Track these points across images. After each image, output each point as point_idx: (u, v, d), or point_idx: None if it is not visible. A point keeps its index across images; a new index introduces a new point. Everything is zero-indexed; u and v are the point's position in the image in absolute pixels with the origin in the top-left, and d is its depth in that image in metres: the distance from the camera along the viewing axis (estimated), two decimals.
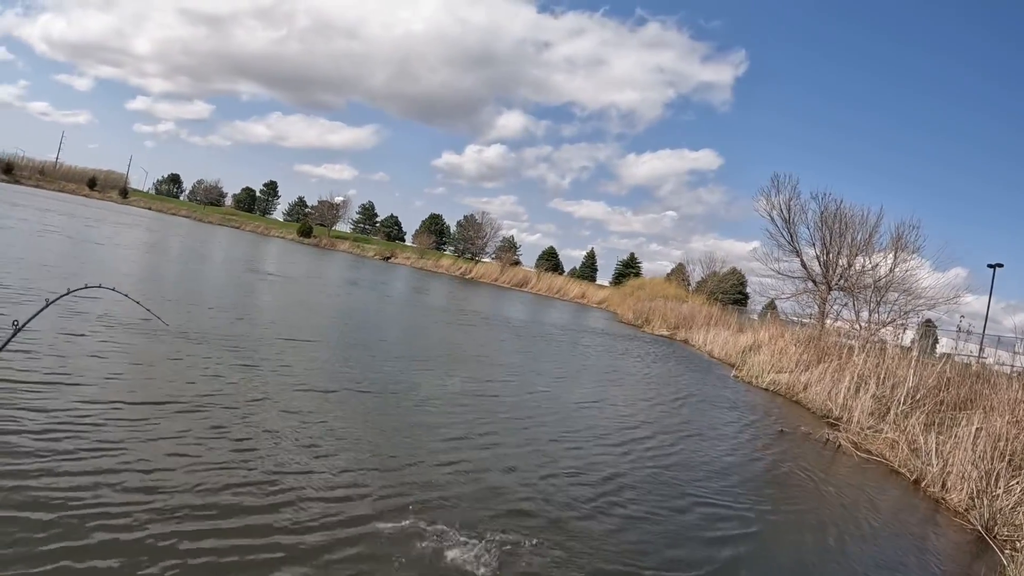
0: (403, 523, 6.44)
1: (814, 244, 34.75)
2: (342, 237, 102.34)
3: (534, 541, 6.62)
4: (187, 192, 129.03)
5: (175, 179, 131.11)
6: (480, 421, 11.10)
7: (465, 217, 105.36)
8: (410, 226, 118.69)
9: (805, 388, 21.24)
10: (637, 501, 8.53)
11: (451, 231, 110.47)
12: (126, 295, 5.65)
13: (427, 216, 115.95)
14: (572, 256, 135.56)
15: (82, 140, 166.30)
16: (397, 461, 8.10)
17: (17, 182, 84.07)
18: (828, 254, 33.81)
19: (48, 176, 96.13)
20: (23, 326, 3.16)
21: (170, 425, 7.82)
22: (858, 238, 33.62)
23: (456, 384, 13.97)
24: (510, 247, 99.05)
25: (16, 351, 9.23)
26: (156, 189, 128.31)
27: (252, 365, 11.65)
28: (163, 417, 8.04)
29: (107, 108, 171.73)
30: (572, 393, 16.20)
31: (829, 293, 33.06)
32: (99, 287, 5.13)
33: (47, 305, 4.17)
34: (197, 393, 9.25)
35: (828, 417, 18.25)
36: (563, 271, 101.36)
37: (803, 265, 34.88)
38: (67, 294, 4.59)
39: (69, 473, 6.12)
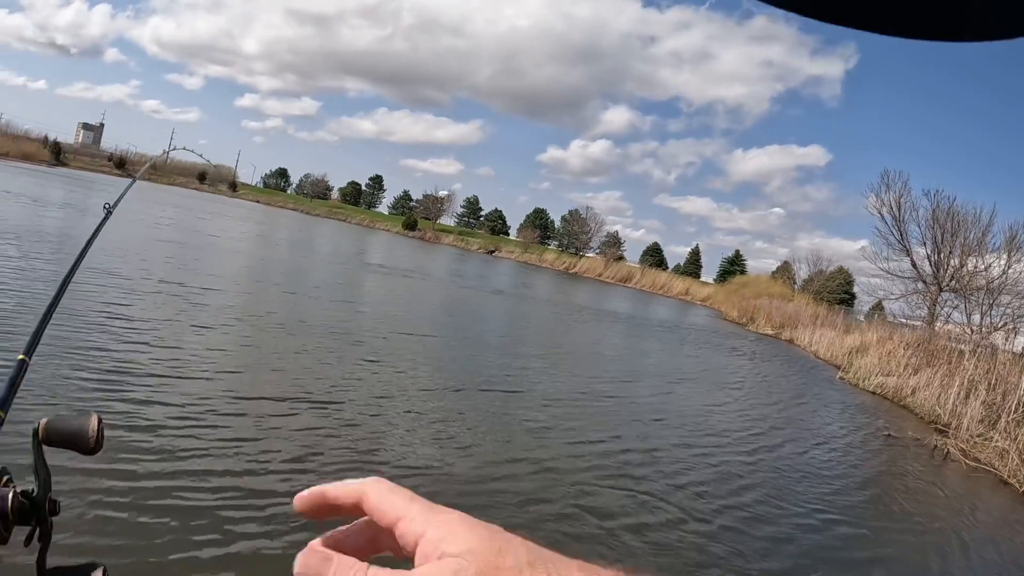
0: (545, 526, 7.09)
1: (925, 243, 34.02)
2: (446, 231, 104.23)
3: (659, 540, 7.28)
4: (294, 186, 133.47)
5: (283, 173, 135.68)
6: (603, 422, 11.95)
7: (570, 212, 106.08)
8: (514, 220, 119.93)
9: (913, 392, 21.14)
10: (754, 504, 9.06)
11: (555, 226, 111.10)
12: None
13: (531, 210, 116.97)
14: (676, 253, 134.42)
15: (192, 136, 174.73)
16: (528, 466, 8.60)
17: (130, 176, 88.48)
18: (939, 254, 33.02)
19: (160, 170, 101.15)
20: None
21: (303, 420, 8.30)
22: (971, 238, 32.69)
23: (576, 382, 14.88)
24: (614, 243, 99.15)
25: (141, 343, 10.12)
26: (264, 183, 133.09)
27: (375, 360, 12.63)
28: (294, 413, 8.52)
29: (216, 105, 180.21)
30: (684, 391, 16.96)
31: (940, 295, 32.29)
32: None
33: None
34: (326, 387, 10.00)
35: (936, 423, 18.07)
36: (667, 267, 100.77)
37: (913, 265, 34.15)
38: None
39: (200, 472, 6.30)
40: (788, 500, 9.41)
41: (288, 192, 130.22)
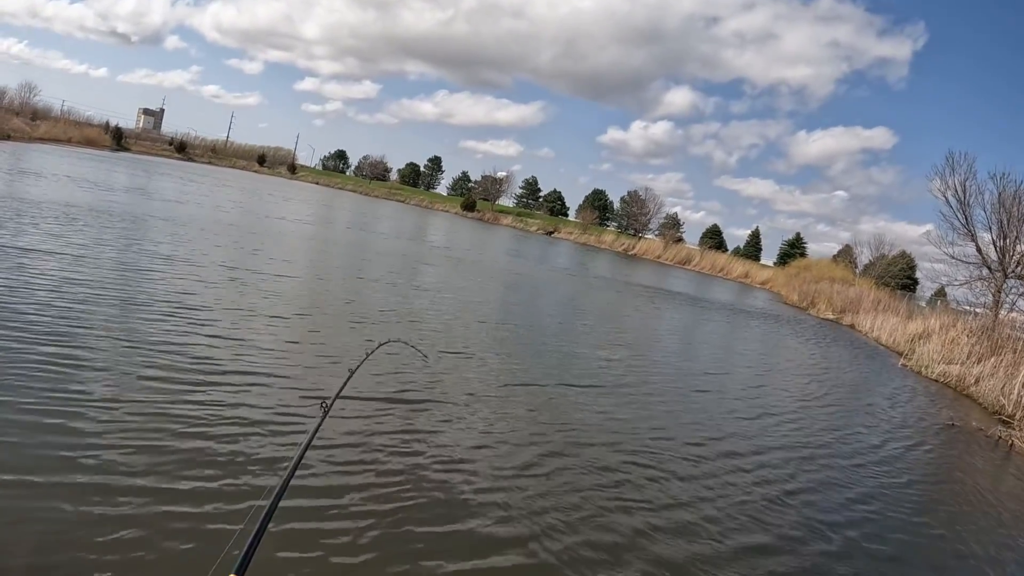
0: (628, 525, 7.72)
1: (990, 228, 33.20)
2: (505, 212, 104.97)
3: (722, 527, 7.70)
4: (353, 167, 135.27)
5: (341, 155, 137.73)
6: (688, 409, 12.59)
7: (629, 193, 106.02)
8: (573, 201, 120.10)
9: (977, 381, 21.18)
10: (819, 487, 9.67)
11: (614, 207, 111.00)
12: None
13: (590, 192, 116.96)
14: (736, 235, 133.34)
15: (252, 120, 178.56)
16: (614, 459, 9.34)
17: (190, 159, 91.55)
18: (1005, 239, 32.26)
19: (219, 153, 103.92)
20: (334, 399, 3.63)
21: (395, 423, 8.55)
22: None
23: (648, 366, 15.37)
24: (673, 224, 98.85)
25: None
26: (323, 165, 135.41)
27: (459, 352, 13.61)
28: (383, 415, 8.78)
29: (276, 89, 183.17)
30: (752, 373, 17.41)
31: (1005, 281, 31.75)
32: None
33: (350, 375, 4.35)
34: (415, 387, 10.57)
35: (1000, 414, 18.09)
36: (727, 250, 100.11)
37: (978, 250, 33.50)
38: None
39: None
40: (852, 486, 9.83)
41: (347, 174, 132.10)
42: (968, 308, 32.80)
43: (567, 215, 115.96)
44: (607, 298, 30.45)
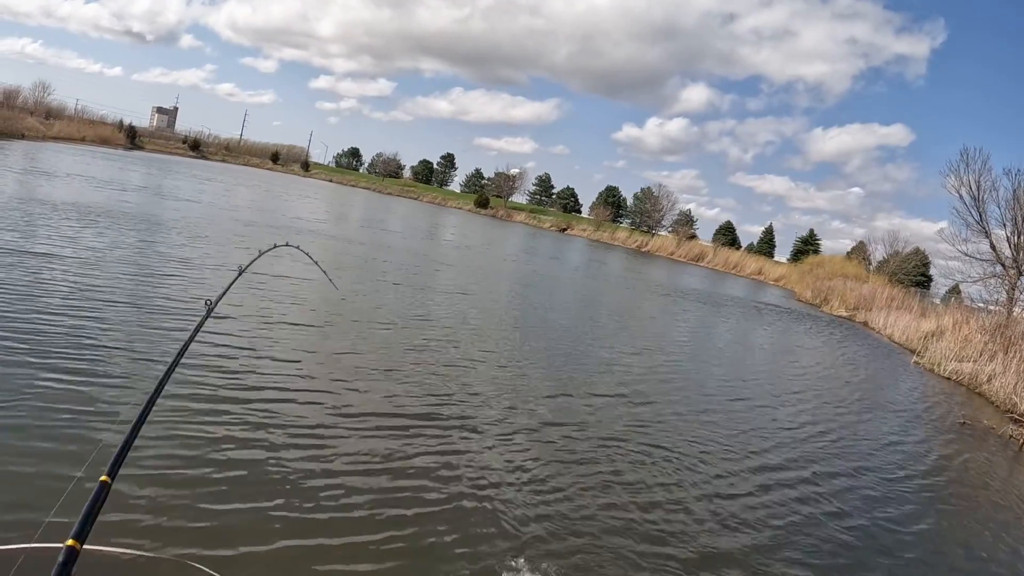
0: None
1: (1005, 225, 33.13)
2: (518, 208, 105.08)
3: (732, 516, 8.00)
4: (366, 165, 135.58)
5: (355, 152, 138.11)
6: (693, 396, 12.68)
7: (642, 190, 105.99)
8: (586, 198, 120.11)
9: (989, 380, 21.27)
10: (825, 479, 9.89)
11: (628, 204, 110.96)
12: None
13: (604, 188, 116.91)
14: (750, 232, 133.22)
15: (266, 118, 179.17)
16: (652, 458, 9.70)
17: (204, 157, 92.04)
18: (1020, 236, 32.23)
19: (233, 151, 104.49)
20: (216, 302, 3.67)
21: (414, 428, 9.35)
22: None
23: (661, 358, 15.52)
24: (686, 221, 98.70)
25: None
26: (336, 162, 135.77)
27: (490, 351, 13.83)
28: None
29: (291, 87, 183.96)
30: (765, 371, 17.60)
31: (1019, 279, 31.70)
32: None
33: (239, 275, 4.45)
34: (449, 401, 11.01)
35: (1012, 412, 18.14)
36: (740, 246, 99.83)
37: (992, 247, 33.38)
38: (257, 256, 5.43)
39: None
40: (862, 482, 10.08)
41: (360, 171, 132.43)
42: (982, 305, 32.76)
43: (580, 212, 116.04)
44: (622, 296, 30.63)
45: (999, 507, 10.59)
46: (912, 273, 64.76)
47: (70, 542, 1.60)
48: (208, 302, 3.47)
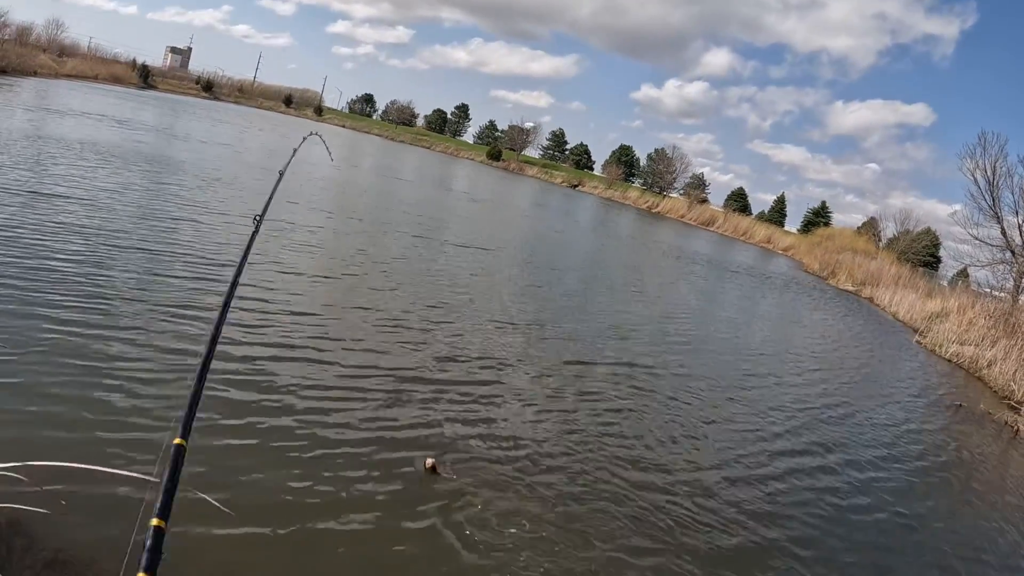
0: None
1: (1017, 212, 33.03)
2: (531, 163, 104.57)
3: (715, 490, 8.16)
4: (379, 112, 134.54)
5: (368, 99, 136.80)
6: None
7: (656, 150, 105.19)
8: (599, 155, 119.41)
9: (989, 365, 21.37)
10: (814, 453, 10.03)
11: (641, 164, 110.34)
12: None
13: (617, 147, 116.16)
14: (761, 200, 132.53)
15: (281, 61, 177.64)
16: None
17: (217, 99, 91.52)
18: None
19: (246, 93, 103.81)
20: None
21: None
22: None
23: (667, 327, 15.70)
24: (698, 184, 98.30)
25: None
26: (349, 108, 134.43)
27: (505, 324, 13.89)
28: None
29: (307, 31, 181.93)
30: (769, 340, 17.76)
31: None
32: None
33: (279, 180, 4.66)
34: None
35: (1010, 399, 18.26)
36: (751, 213, 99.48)
37: (1003, 233, 33.30)
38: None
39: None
40: (849, 455, 10.29)
41: (373, 118, 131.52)
42: (988, 291, 32.73)
43: (592, 170, 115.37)
44: (633, 259, 30.74)
45: (988, 489, 10.84)
46: (921, 253, 64.61)
47: (156, 522, 1.46)
48: (256, 218, 3.56)
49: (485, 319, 12.65)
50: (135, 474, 4.32)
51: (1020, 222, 32.65)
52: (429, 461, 6.39)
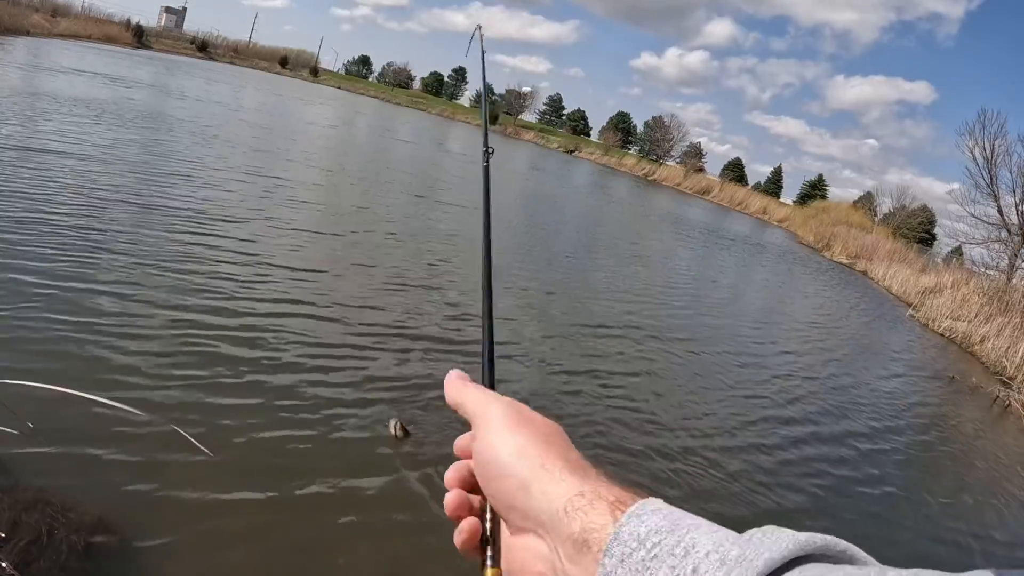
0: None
1: (1015, 191, 33.10)
2: (527, 127, 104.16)
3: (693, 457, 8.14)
4: (376, 74, 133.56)
5: (365, 61, 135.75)
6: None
7: (653, 118, 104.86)
8: (596, 122, 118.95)
9: (982, 341, 21.56)
10: (805, 422, 10.05)
11: (638, 131, 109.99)
12: None
13: (615, 114, 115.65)
14: (758, 171, 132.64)
15: (278, 22, 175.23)
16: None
17: (212, 59, 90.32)
18: None
19: (241, 54, 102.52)
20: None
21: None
22: None
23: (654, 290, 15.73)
24: (695, 153, 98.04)
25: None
26: (346, 70, 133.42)
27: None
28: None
29: None
30: (762, 309, 17.84)
31: (1023, 247, 31.89)
32: None
33: None
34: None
35: (1001, 375, 18.48)
36: (747, 184, 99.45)
37: (999, 212, 33.37)
38: None
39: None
40: (839, 425, 10.32)
41: (369, 80, 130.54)
42: (982, 269, 32.84)
43: (589, 136, 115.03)
44: (630, 226, 30.71)
45: (974, 465, 10.91)
46: (917, 229, 64.79)
47: None
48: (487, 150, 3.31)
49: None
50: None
51: (1017, 201, 32.76)
52: (394, 423, 6.28)
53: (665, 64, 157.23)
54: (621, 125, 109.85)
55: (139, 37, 79.00)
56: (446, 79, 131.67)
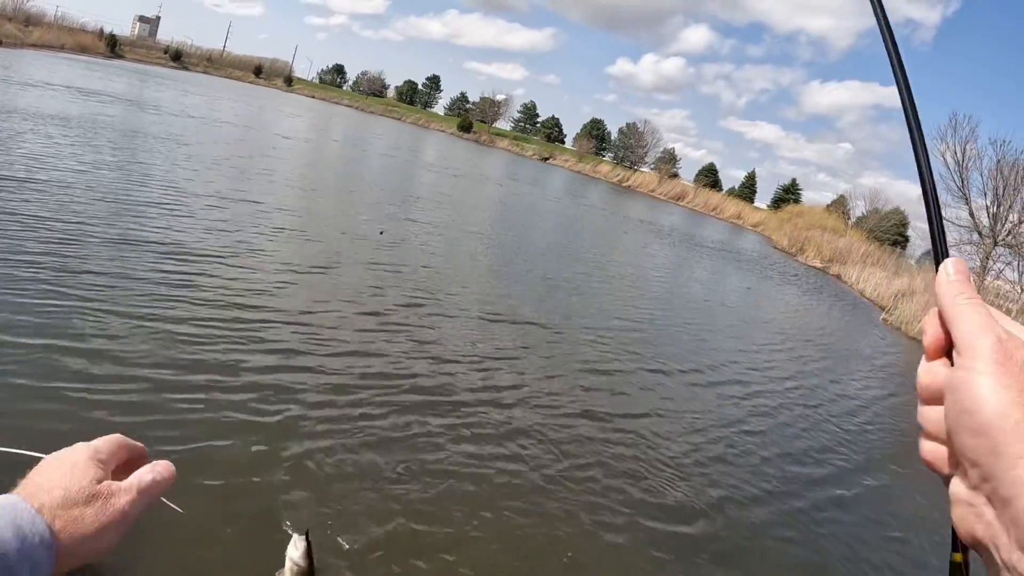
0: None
1: (985, 194, 33.42)
2: (501, 135, 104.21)
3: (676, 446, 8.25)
4: (350, 82, 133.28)
5: (339, 69, 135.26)
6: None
7: (627, 124, 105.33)
8: (571, 129, 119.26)
9: None
10: (765, 429, 10.00)
11: (612, 138, 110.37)
12: None
13: (589, 121, 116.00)
14: (732, 176, 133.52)
15: (252, 31, 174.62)
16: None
17: (186, 69, 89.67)
18: (999, 206, 32.54)
19: (215, 63, 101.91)
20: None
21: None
22: None
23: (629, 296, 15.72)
24: (669, 159, 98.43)
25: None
26: (320, 79, 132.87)
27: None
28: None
29: (280, 1, 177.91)
30: (735, 314, 17.81)
31: (994, 248, 32.13)
32: None
33: None
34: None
35: None
36: (721, 189, 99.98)
37: (970, 215, 33.81)
38: None
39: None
40: (813, 430, 10.34)
41: (344, 89, 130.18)
42: None
43: (564, 143, 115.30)
44: (604, 234, 30.73)
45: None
46: (890, 232, 65.30)
47: None
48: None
49: (467, 294, 12.51)
50: None
51: (988, 204, 33.10)
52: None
53: (641, 71, 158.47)
54: (595, 132, 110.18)
55: (112, 47, 78.26)
56: (420, 87, 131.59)
